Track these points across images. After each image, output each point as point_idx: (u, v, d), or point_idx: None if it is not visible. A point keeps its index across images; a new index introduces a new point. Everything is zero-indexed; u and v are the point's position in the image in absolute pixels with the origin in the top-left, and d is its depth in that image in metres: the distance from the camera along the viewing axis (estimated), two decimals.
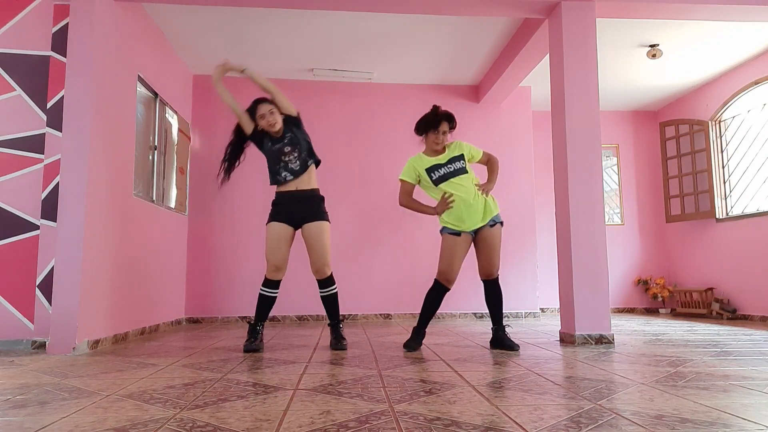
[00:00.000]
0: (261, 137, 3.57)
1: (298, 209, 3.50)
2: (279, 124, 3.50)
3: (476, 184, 3.44)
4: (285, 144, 3.51)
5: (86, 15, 3.65)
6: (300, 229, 3.55)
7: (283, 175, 3.50)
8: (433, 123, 3.43)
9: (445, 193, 3.40)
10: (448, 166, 3.42)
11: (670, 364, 2.78)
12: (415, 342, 3.42)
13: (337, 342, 3.50)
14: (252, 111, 3.56)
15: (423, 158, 3.50)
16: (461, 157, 3.45)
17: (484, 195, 3.42)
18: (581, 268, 3.78)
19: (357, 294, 5.90)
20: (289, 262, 3.56)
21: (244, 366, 2.79)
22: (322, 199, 3.61)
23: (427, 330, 3.69)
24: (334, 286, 3.58)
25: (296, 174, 3.50)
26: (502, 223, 3.48)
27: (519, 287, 6.19)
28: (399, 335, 4.29)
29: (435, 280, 3.44)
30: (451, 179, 3.40)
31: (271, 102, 3.55)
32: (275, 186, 3.58)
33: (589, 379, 2.37)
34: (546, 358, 3.06)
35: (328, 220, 3.57)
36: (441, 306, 3.50)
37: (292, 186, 3.51)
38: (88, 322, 3.52)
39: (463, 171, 3.42)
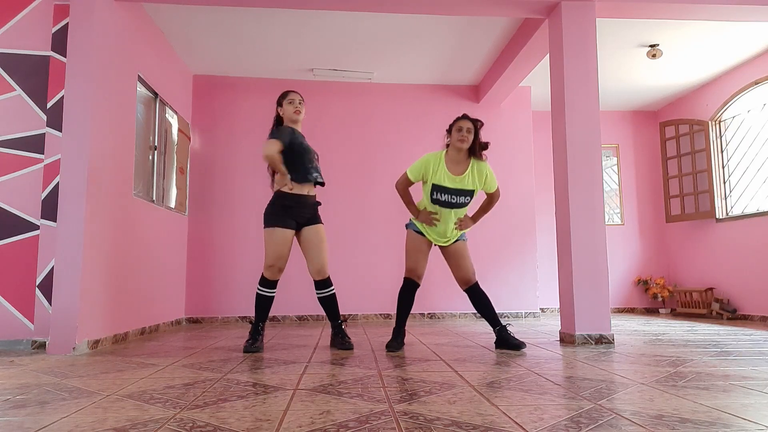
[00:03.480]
0: (291, 137, 3.53)
1: (305, 213, 3.54)
2: (302, 117, 3.62)
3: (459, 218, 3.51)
4: (313, 151, 3.60)
5: (86, 15, 3.66)
6: (298, 232, 3.58)
7: (314, 175, 3.54)
8: (458, 120, 3.49)
9: (436, 213, 3.46)
10: (454, 196, 3.41)
11: (670, 364, 2.78)
12: (396, 342, 3.45)
13: (343, 342, 3.50)
14: (283, 95, 3.63)
15: (440, 168, 3.43)
16: (471, 194, 3.45)
17: (458, 229, 3.49)
18: (581, 268, 3.78)
19: (357, 294, 5.90)
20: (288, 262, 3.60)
21: (244, 366, 2.79)
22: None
23: (426, 330, 3.69)
24: (332, 287, 3.61)
25: (315, 181, 3.58)
26: (465, 240, 3.59)
27: (519, 287, 6.19)
28: None
29: (404, 278, 3.54)
30: (446, 208, 3.44)
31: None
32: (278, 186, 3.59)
33: (589, 379, 2.37)
34: (546, 358, 3.06)
35: (322, 222, 3.66)
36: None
37: (305, 190, 3.53)
38: (88, 322, 3.52)
39: (461, 206, 3.47)
